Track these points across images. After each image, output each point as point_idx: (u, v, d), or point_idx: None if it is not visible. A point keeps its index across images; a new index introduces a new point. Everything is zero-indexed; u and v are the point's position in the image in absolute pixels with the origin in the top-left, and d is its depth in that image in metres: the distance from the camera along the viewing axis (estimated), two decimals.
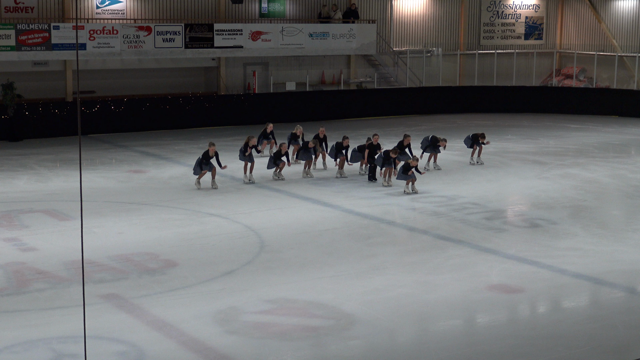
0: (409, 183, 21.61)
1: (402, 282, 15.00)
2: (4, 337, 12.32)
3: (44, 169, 24.81)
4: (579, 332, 12.89)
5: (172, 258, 16.30)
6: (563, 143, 30.55)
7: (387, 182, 22.28)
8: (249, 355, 11.80)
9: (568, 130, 33.78)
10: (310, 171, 23.88)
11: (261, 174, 23.32)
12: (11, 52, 31.00)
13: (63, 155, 27.16)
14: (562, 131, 33.45)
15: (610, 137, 32.16)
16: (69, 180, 23.01)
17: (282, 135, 26.52)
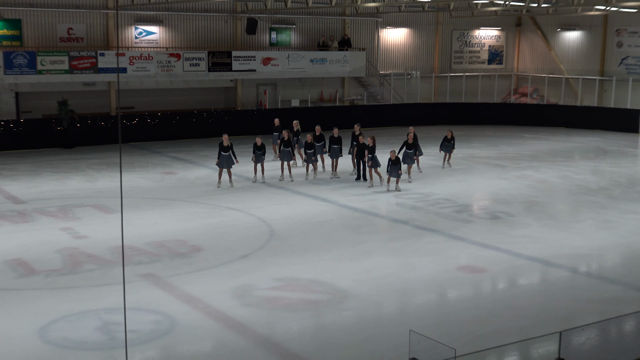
0: (389, 180, 21.71)
1: (387, 263, 15.13)
2: (61, 309, 12.44)
3: (92, 171, 24.86)
4: (531, 304, 13.03)
5: (198, 244, 16.39)
6: (519, 149, 30.62)
7: (397, 187, 21.88)
8: (261, 324, 11.90)
9: (523, 139, 33.84)
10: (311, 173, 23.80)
11: (271, 174, 23.39)
12: (65, 75, 31.07)
13: (108, 159, 27.19)
14: (519, 140, 33.51)
15: (558, 144, 32.21)
16: (112, 180, 23.08)
17: None
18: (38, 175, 24.07)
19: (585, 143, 32.86)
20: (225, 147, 21.91)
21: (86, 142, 30.42)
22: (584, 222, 18.64)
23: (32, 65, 30.43)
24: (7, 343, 11.09)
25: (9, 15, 31.08)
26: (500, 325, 11.96)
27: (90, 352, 10.86)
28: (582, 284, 14.30)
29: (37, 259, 15.17)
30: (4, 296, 13.10)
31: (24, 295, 13.13)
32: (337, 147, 23.77)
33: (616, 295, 13.56)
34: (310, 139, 23.37)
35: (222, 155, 21.93)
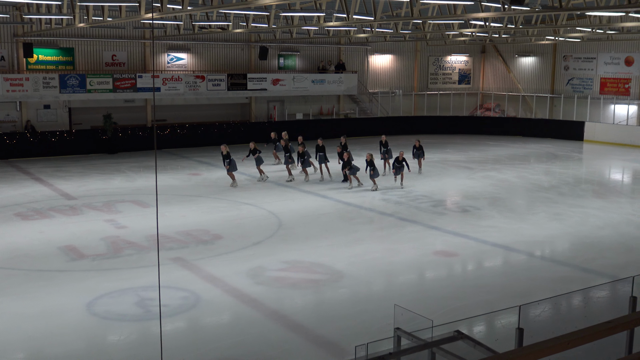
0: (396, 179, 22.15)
1: (375, 249, 15.08)
2: (105, 287, 12.40)
3: (131, 172, 24.81)
4: (495, 282, 12.99)
5: (219, 233, 16.34)
6: (484, 155, 30.57)
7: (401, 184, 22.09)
8: (271, 299, 11.86)
9: (488, 146, 33.80)
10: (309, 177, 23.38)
11: (280, 175, 23.36)
12: (110, 93, 31.00)
13: (144, 163, 27.15)
14: (484, 147, 33.47)
15: (516, 150, 32.18)
16: (148, 180, 23.02)
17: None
18: (86, 176, 24.05)
19: (538, 149, 32.82)
20: (226, 155, 21.93)
21: (126, 148, 30.39)
22: (538, 215, 18.58)
23: (82, 85, 30.38)
24: (61, 315, 11.08)
25: (64, 44, 31.04)
26: (470, 300, 11.91)
27: (129, 323, 10.84)
28: (537, 266, 14.25)
29: (86, 245, 15.14)
30: (59, 276, 13.08)
31: (75, 276, 13.11)
32: (322, 155, 23.45)
33: (565, 275, 13.52)
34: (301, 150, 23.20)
35: (227, 162, 21.86)
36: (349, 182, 22.12)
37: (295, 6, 22.11)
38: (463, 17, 20.39)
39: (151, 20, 21.59)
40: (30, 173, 24.84)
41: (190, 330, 10.66)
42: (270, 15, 22.89)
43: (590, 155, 31.93)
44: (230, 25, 25.13)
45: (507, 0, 12.11)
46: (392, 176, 23.03)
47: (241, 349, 9.91)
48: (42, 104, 30.94)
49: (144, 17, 18.66)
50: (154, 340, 10.01)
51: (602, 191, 22.57)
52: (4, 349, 9.82)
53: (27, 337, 10.22)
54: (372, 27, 27.17)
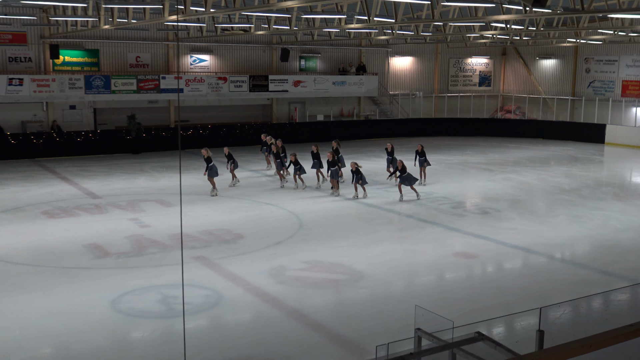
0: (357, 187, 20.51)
1: (395, 249, 15.07)
2: (129, 284, 12.51)
3: (155, 172, 25.00)
4: (515, 284, 12.91)
5: (240, 232, 16.40)
6: (504, 157, 30.39)
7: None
8: (291, 298, 11.89)
9: (508, 148, 33.59)
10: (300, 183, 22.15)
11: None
12: (134, 94, 31.28)
13: (168, 163, 27.35)
14: (504, 149, 33.27)
15: (537, 152, 31.94)
16: (171, 180, 23.17)
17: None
18: (111, 176, 24.26)
19: (559, 152, 32.55)
20: (229, 156, 22.10)
21: (150, 148, 30.61)
22: (559, 217, 18.44)
23: (107, 86, 30.67)
24: (86, 311, 11.18)
25: (89, 46, 31.36)
26: (489, 301, 11.85)
27: (152, 320, 10.91)
28: (557, 268, 14.14)
29: (110, 243, 15.28)
30: (84, 274, 13.21)
31: (100, 273, 13.23)
32: (316, 162, 22.03)
33: (585, 278, 13.39)
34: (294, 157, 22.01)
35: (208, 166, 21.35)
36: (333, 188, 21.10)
37: (316, 8, 22.14)
38: (484, 19, 20.29)
39: (175, 22, 21.76)
40: (57, 172, 25.12)
41: (212, 328, 10.72)
42: (291, 18, 22.94)
43: (611, 158, 31.58)
44: (252, 27, 25.23)
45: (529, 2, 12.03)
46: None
47: (262, 347, 9.94)
48: (68, 105, 31.29)
49: (168, 19, 18.81)
50: (176, 337, 10.08)
51: (623, 194, 22.33)
52: (31, 345, 9.95)
53: (53, 333, 10.34)
54: (392, 29, 27.12)
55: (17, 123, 30.24)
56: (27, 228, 16.72)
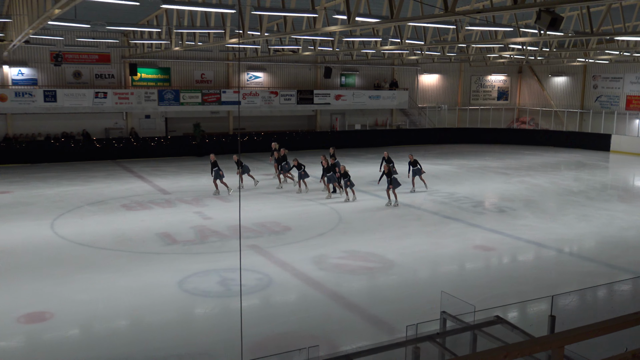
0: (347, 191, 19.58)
1: (422, 242, 14.89)
2: (193, 268, 12.64)
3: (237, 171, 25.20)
4: (528, 274, 12.63)
5: (288, 225, 16.44)
6: (519, 162, 29.82)
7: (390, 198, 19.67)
8: (331, 282, 11.85)
9: (523, 154, 32.96)
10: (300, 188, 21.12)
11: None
12: (199, 106, 31.64)
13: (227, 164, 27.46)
14: (519, 155, 32.65)
15: (549, 159, 31.27)
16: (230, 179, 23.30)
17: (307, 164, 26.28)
18: (179, 175, 24.57)
19: (568, 158, 31.79)
20: (238, 162, 21.70)
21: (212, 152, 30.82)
22: (568, 216, 18.00)
23: (177, 99, 31.10)
24: (157, 290, 11.33)
25: (162, 65, 31.86)
26: (505, 289, 11.63)
27: (213, 298, 10.99)
28: (566, 261, 13.79)
29: (178, 232, 15.46)
30: (156, 258, 13.39)
31: (169, 258, 13.40)
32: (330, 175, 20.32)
33: (592, 270, 13.03)
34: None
35: (241, 167, 21.41)
36: (327, 193, 20.19)
37: (355, 32, 22.07)
38: (503, 41, 19.94)
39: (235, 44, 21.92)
40: (134, 171, 25.57)
41: (263, 306, 10.76)
42: (334, 40, 22.92)
43: (616, 164, 30.69)
44: (300, 48, 25.28)
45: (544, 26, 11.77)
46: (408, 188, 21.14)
47: (306, 324, 9.93)
48: (144, 114, 31.85)
49: (229, 42, 18.97)
50: (233, 314, 10.16)
51: (627, 196, 21.68)
52: (111, 317, 10.14)
53: (130, 307, 10.51)
54: (422, 50, 26.86)
55: (101, 130, 30.92)
56: (109, 218, 17.05)
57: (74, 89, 28.97)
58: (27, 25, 15.44)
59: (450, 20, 17.02)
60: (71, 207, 18.51)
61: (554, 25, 12.04)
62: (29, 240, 14.62)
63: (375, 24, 14.32)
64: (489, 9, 12.10)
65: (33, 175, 24.36)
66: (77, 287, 11.40)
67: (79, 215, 17.44)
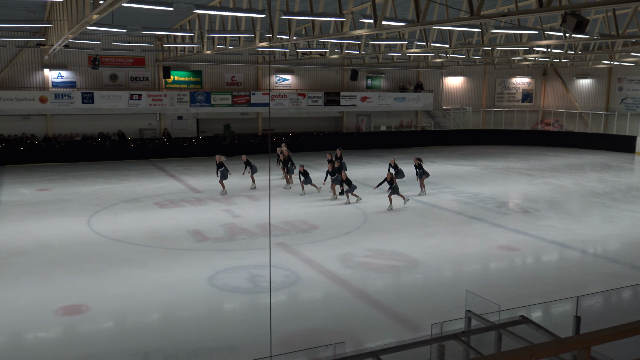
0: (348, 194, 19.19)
1: (447, 242, 14.74)
2: (223, 264, 12.70)
3: (245, 172, 25.28)
4: (552, 275, 12.40)
5: (315, 223, 16.42)
6: (543, 163, 29.35)
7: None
8: (357, 280, 11.80)
9: (547, 156, 32.44)
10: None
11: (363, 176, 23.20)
12: (229, 107, 31.85)
13: (256, 164, 27.58)
14: (543, 156, 32.14)
15: (573, 160, 30.71)
16: (258, 179, 23.37)
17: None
18: (209, 174, 24.73)
19: (593, 160, 31.18)
20: (246, 162, 21.31)
21: (241, 152, 31.03)
22: (592, 217, 17.65)
23: (208, 101, 31.35)
24: (188, 285, 11.42)
25: (194, 67, 32.15)
26: (529, 289, 11.43)
27: (241, 294, 11.03)
28: (590, 262, 13.51)
29: (208, 229, 15.57)
30: (187, 254, 13.50)
31: (199, 254, 13.50)
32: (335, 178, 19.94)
33: (616, 271, 12.73)
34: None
35: (248, 167, 21.37)
36: (332, 194, 19.92)
37: (382, 36, 21.96)
38: (528, 44, 19.63)
39: (265, 48, 22.00)
40: (166, 170, 25.84)
41: (290, 303, 10.75)
42: (360, 44, 22.84)
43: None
44: (327, 51, 25.25)
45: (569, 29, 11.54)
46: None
47: (332, 320, 9.90)
48: (176, 115, 32.17)
49: (258, 45, 19.03)
50: (261, 309, 10.18)
51: None
52: (144, 310, 10.24)
53: (161, 302, 10.61)
54: (447, 53, 26.61)
55: (135, 130, 31.32)
56: (142, 215, 17.25)
57: (110, 91, 29.40)
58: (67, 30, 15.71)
59: (476, 23, 16.81)
60: (107, 204, 18.78)
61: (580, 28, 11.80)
62: (66, 236, 14.87)
63: (401, 28, 14.21)
64: (514, 12, 11.92)
65: (71, 174, 24.79)
66: (111, 282, 11.55)
67: (114, 212, 17.68)
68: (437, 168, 27.35)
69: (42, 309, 10.11)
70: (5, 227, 15.73)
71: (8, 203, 18.78)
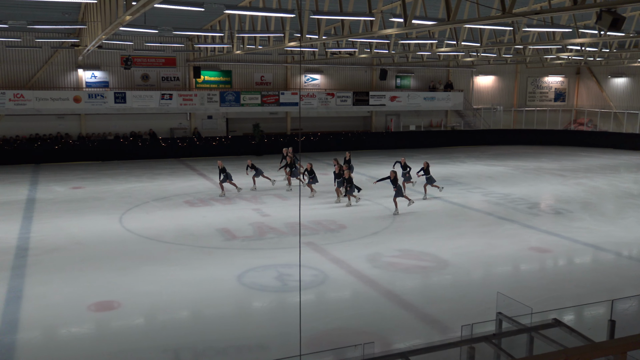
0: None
1: (477, 243, 14.56)
2: (252, 263, 12.76)
3: (274, 171, 25.39)
4: (585, 278, 12.15)
5: (344, 223, 16.39)
6: (577, 164, 28.79)
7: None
8: (385, 281, 11.74)
9: (580, 156, 31.81)
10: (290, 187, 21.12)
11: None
12: (258, 107, 32.04)
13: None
14: (576, 157, 31.53)
15: (607, 161, 30.04)
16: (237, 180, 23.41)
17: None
18: (238, 173, 24.78)
19: (628, 160, 30.46)
20: (251, 165, 21.01)
21: (270, 151, 31.26)
22: (628, 219, 17.24)
23: (237, 100, 31.59)
24: (217, 283, 11.51)
25: (224, 67, 32.42)
26: (561, 292, 11.20)
27: (270, 293, 11.07)
28: (625, 265, 13.18)
29: (237, 228, 15.67)
30: (216, 252, 13.61)
31: (228, 252, 13.60)
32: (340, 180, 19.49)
33: None
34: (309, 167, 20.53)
35: (253, 171, 21.16)
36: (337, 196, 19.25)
37: (411, 35, 21.81)
38: (561, 42, 19.27)
39: (295, 48, 22.06)
40: (196, 169, 26.10)
41: (318, 302, 10.75)
42: (390, 43, 22.72)
43: None
44: (356, 51, 25.20)
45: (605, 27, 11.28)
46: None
47: (360, 320, 9.87)
48: (206, 115, 32.50)
49: (288, 45, 19.09)
50: (289, 308, 10.20)
51: None
52: (174, 307, 10.36)
53: (191, 299, 10.71)
54: (477, 52, 26.30)
55: (166, 129, 31.73)
56: (173, 214, 17.46)
57: (141, 91, 29.84)
58: (101, 31, 15.99)
59: (507, 21, 16.57)
60: (138, 202, 19.05)
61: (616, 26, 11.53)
62: (99, 233, 15.14)
63: (431, 27, 14.09)
64: (547, 10, 11.71)
65: (103, 172, 25.24)
66: (142, 279, 11.71)
67: (145, 210, 17.93)
68: (467, 168, 27.06)
69: (76, 305, 10.31)
70: (40, 224, 16.10)
71: (43, 200, 19.20)
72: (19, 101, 27.72)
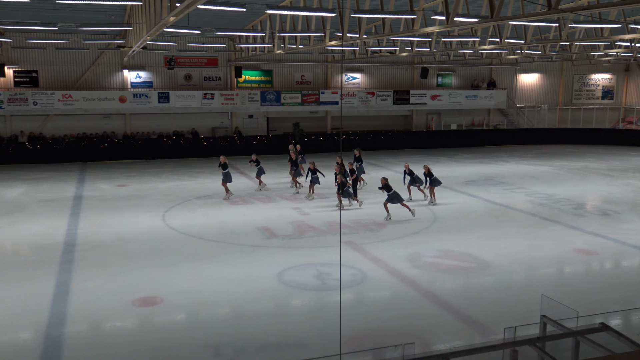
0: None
1: (519, 244, 14.26)
2: (292, 261, 12.81)
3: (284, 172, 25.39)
4: (634, 281, 11.75)
5: (383, 222, 16.26)
6: (625, 164, 27.88)
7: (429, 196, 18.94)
8: (426, 281, 11.62)
9: (628, 155, 30.79)
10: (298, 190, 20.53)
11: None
12: (298, 106, 32.16)
13: (324, 162, 27.48)
14: (624, 156, 30.54)
15: None
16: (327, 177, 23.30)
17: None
18: (279, 172, 25.03)
19: None
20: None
21: (311, 150, 31.30)
22: None
23: (278, 99, 31.79)
24: (257, 281, 11.60)
25: (265, 67, 32.66)
26: (608, 295, 10.88)
27: (309, 291, 11.10)
28: None
29: (277, 227, 15.76)
30: (256, 250, 13.72)
31: (269, 251, 13.68)
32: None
33: None
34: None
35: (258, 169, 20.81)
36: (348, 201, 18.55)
37: (453, 32, 21.51)
38: (609, 38, 18.68)
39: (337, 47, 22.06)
40: (237, 168, 26.37)
41: (357, 302, 10.72)
42: (431, 41, 22.46)
43: None
44: (397, 49, 25.01)
45: None
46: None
47: (399, 321, 9.80)
48: (247, 114, 32.81)
49: (328, 44, 19.09)
50: (328, 307, 10.20)
51: None
52: (215, 304, 10.49)
53: (231, 297, 10.83)
54: (521, 49, 25.75)
55: (208, 128, 32.18)
56: (214, 212, 17.68)
57: (184, 91, 30.34)
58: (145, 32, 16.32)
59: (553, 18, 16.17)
60: (180, 200, 19.38)
61: None
62: (143, 230, 15.46)
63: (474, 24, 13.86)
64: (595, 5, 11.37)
65: (147, 170, 25.76)
66: (184, 275, 11.90)
67: (187, 208, 18.22)
68: (509, 168, 26.55)
69: (121, 300, 10.56)
70: (86, 220, 16.54)
71: (89, 198, 19.73)
72: (67, 101, 28.56)
